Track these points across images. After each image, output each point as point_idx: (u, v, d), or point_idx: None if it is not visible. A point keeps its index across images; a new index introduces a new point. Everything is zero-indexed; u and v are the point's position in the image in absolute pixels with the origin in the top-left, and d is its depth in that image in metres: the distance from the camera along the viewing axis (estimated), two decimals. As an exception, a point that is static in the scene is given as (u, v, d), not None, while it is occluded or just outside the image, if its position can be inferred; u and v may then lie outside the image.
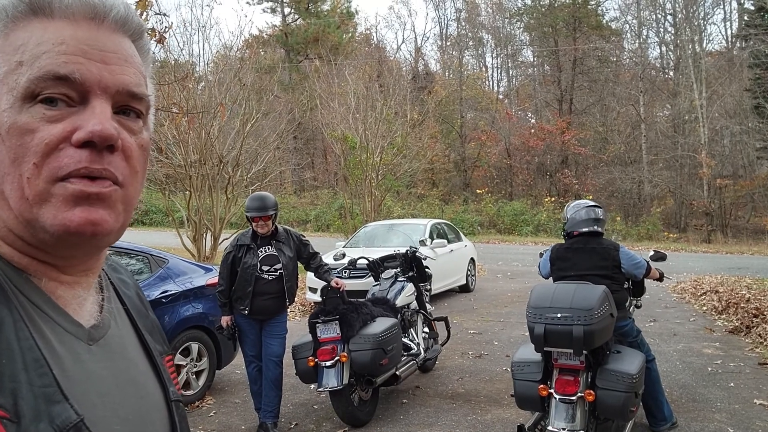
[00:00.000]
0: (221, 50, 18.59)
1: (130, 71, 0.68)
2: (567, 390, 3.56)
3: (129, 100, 0.67)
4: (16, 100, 0.62)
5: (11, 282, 0.63)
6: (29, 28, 0.64)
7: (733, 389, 5.48)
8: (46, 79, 0.62)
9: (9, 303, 0.60)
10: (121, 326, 0.76)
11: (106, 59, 0.65)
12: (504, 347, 7.15)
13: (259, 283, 4.59)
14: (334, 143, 20.00)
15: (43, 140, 0.61)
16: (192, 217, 12.11)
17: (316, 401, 5.36)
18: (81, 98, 0.64)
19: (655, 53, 36.69)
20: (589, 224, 4.23)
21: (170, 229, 14.22)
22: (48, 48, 0.63)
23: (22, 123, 0.61)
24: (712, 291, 10.44)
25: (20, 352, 0.58)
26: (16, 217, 0.63)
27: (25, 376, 0.57)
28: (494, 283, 12.97)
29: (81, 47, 0.64)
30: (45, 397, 0.57)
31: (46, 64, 0.62)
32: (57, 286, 0.67)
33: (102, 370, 0.67)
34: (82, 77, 0.63)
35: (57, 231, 0.62)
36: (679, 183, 28.89)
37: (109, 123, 0.63)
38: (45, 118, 0.62)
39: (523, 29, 39.92)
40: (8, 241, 0.65)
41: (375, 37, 43.90)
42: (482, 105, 37.40)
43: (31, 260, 0.66)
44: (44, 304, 0.65)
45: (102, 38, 0.66)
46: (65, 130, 0.62)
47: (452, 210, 28.46)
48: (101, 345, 0.69)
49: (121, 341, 0.74)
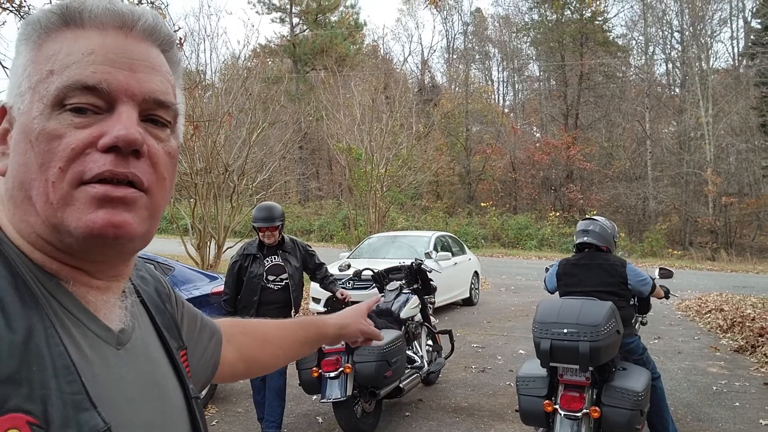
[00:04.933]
0: (228, 60, 18.69)
1: (157, 79, 0.69)
2: (572, 406, 3.55)
3: (156, 108, 0.68)
4: (45, 107, 0.63)
5: (43, 286, 0.64)
6: (61, 39, 0.66)
7: (739, 409, 5.44)
8: (74, 88, 0.63)
9: (40, 309, 0.61)
10: (143, 326, 0.77)
11: (134, 67, 0.66)
12: (508, 362, 7.12)
13: (265, 293, 4.59)
14: (339, 154, 20.05)
15: (70, 145, 0.62)
16: (197, 224, 12.12)
17: (320, 412, 5.33)
18: (108, 106, 0.65)
19: (661, 70, 36.84)
20: (579, 236, 4.26)
21: (174, 236, 14.23)
22: (78, 58, 0.64)
23: (51, 129, 0.63)
24: (717, 309, 10.38)
25: (50, 359, 0.58)
26: (43, 222, 0.64)
27: (54, 383, 0.57)
28: (498, 296, 12.93)
29: (109, 56, 0.65)
30: (74, 405, 0.58)
31: (75, 74, 0.63)
32: (88, 290, 0.68)
33: (129, 374, 0.68)
34: (109, 86, 0.64)
35: (81, 233, 0.63)
36: (684, 200, 28.85)
37: (135, 128, 0.64)
38: (73, 125, 0.63)
39: (529, 44, 40.12)
40: (38, 247, 0.66)
41: (382, 49, 44.16)
42: (488, 118, 37.50)
43: (61, 265, 0.66)
44: (75, 308, 0.66)
45: (130, 47, 0.67)
46: (92, 135, 0.63)
47: (456, 223, 28.45)
48: (128, 349, 0.70)
49: (144, 343, 0.75)
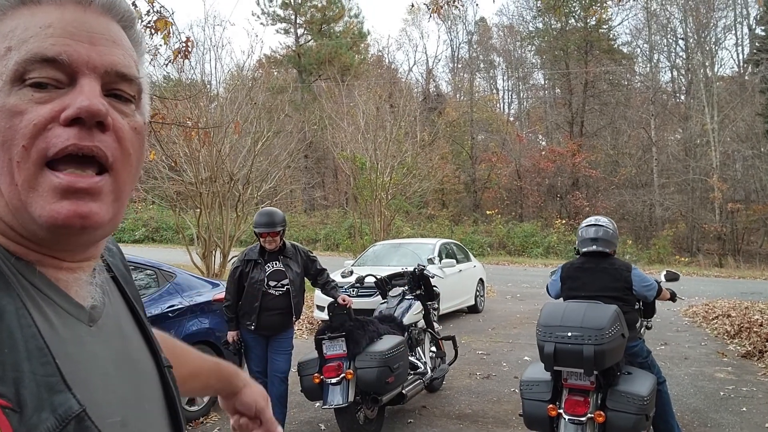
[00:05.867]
0: (233, 70, 18.79)
1: (119, 52, 0.67)
2: (576, 410, 3.51)
3: (118, 81, 0.67)
4: (5, 84, 0.62)
5: (13, 266, 0.62)
6: (17, 16, 0.64)
7: (746, 414, 5.38)
8: (33, 61, 0.62)
9: (11, 290, 0.60)
10: (114, 300, 0.76)
11: (94, 40, 0.65)
12: (512, 368, 7.07)
13: (266, 299, 4.58)
14: (344, 163, 20.07)
15: (32, 121, 0.61)
16: (202, 234, 12.15)
17: (322, 419, 5.30)
18: (69, 79, 0.63)
19: (666, 77, 36.71)
20: (587, 244, 4.18)
21: (180, 246, 14.27)
22: (35, 32, 0.63)
23: (11, 105, 0.61)
24: (724, 315, 10.28)
25: (23, 340, 0.57)
26: (7, 205, 0.62)
27: (27, 366, 0.56)
28: (503, 304, 12.87)
29: (68, 29, 0.64)
30: (47, 387, 0.57)
31: (34, 47, 0.62)
32: (57, 271, 0.67)
33: (102, 350, 0.67)
34: (69, 58, 0.63)
35: (45, 222, 0.61)
36: (690, 207, 28.70)
37: (98, 99, 0.63)
38: (34, 100, 0.61)
39: (534, 52, 40.14)
40: (1, 231, 0.64)
41: (387, 59, 44.30)
42: (493, 127, 37.51)
43: (27, 250, 0.65)
44: (46, 287, 0.65)
45: (89, 20, 0.66)
46: (53, 110, 0.62)
47: (462, 231, 28.37)
48: (100, 325, 0.69)
49: (116, 317, 0.74)
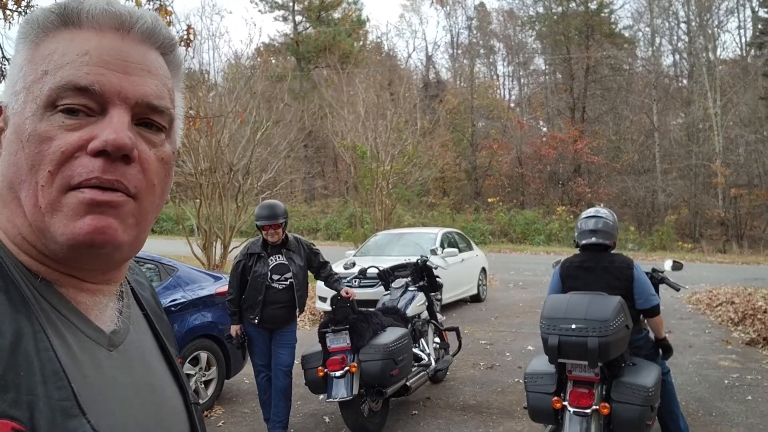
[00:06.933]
0: (231, 59, 18.71)
1: (152, 83, 0.67)
2: (581, 403, 3.50)
3: (149, 112, 0.67)
4: (38, 108, 0.63)
5: (33, 287, 0.63)
6: (58, 39, 0.65)
7: (751, 403, 5.37)
8: (66, 89, 0.62)
9: (30, 312, 0.60)
10: (139, 330, 0.76)
11: (129, 69, 0.66)
12: (516, 358, 7.07)
13: (270, 292, 4.56)
14: (344, 152, 20.02)
15: (60, 148, 0.62)
16: (202, 225, 12.14)
17: (326, 412, 5.30)
18: (100, 108, 0.64)
19: (668, 61, 36.54)
20: (586, 236, 4.09)
21: (180, 237, 14.25)
22: (72, 59, 0.64)
23: (41, 131, 0.62)
24: (728, 302, 10.25)
25: (39, 363, 0.57)
26: (30, 225, 0.63)
27: (42, 389, 0.56)
28: (506, 293, 12.87)
29: (104, 58, 0.64)
30: (62, 411, 0.57)
31: (68, 74, 0.63)
32: (78, 292, 0.67)
33: (121, 376, 0.67)
34: (102, 88, 0.63)
35: (66, 241, 0.62)
36: (693, 192, 28.64)
37: (125, 132, 0.63)
38: (64, 127, 0.62)
39: (534, 37, 39.92)
40: (24, 249, 0.65)
41: (386, 46, 44.09)
42: (494, 113, 37.36)
43: (48, 269, 0.65)
44: (65, 309, 0.65)
45: (126, 48, 0.66)
46: (82, 138, 0.62)
47: (463, 219, 28.36)
48: (121, 350, 0.69)
49: (139, 346, 0.74)
